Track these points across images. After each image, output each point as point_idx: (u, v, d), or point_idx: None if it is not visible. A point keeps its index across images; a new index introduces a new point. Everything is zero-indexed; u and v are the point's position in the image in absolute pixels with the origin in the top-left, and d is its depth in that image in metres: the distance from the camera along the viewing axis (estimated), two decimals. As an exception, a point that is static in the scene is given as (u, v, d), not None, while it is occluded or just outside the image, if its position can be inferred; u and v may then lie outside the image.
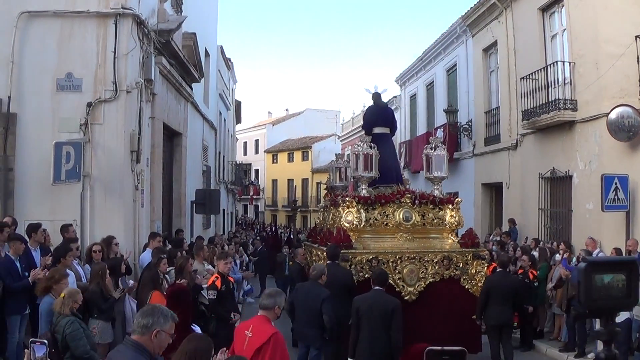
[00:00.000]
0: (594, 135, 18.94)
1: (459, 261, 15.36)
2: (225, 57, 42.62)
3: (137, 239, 16.59)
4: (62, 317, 9.50)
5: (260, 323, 8.90)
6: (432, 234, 16.14)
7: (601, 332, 3.68)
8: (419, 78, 38.63)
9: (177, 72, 21.03)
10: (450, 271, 15.24)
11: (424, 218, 15.99)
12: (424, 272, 15.12)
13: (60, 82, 15.42)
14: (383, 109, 19.41)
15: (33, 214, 14.56)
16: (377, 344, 11.19)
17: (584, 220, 19.30)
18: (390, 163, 17.96)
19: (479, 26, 27.98)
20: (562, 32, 21.16)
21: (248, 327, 8.83)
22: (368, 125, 18.77)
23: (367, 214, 15.75)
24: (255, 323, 8.89)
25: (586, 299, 3.69)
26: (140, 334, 5.87)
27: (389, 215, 15.81)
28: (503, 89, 25.66)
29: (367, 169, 16.36)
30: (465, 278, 15.34)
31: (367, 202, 15.83)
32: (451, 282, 15.12)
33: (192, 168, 25.95)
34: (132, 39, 15.93)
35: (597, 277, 3.58)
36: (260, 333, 8.66)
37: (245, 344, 8.61)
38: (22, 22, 15.32)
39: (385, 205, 15.88)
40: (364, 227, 15.66)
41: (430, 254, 15.26)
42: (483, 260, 15.61)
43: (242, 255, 27.29)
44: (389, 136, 18.73)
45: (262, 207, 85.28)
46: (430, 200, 16.15)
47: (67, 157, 14.28)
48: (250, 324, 8.89)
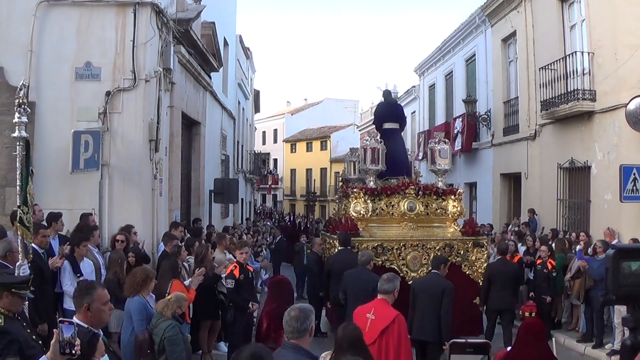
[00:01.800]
0: (612, 126, 18.85)
1: (460, 248, 16.63)
2: (244, 47, 42.69)
3: (155, 228, 16.60)
4: (163, 319, 9.51)
5: (381, 306, 9.67)
6: (435, 223, 17.42)
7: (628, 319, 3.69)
8: (438, 68, 38.53)
9: (196, 61, 21.02)
10: (452, 258, 16.13)
11: (427, 208, 17.36)
12: (426, 258, 16.22)
13: (79, 71, 15.43)
14: (393, 105, 20.74)
15: (51, 203, 14.56)
16: (427, 322, 12.01)
17: (603, 210, 19.22)
18: (399, 156, 19.25)
19: (498, 16, 27.86)
20: (581, 22, 21.01)
21: (369, 310, 9.56)
22: (379, 120, 20.31)
23: (373, 204, 17.19)
24: (376, 306, 9.66)
25: (614, 286, 3.70)
26: (297, 337, 6.33)
27: (395, 206, 17.25)
28: (522, 79, 25.58)
29: (375, 162, 17.84)
30: (466, 264, 16.59)
31: (374, 193, 17.29)
32: (453, 268, 15.41)
33: (210, 157, 25.97)
34: (151, 28, 15.93)
35: (625, 264, 3.60)
36: (383, 315, 9.41)
37: (368, 326, 9.17)
38: (40, 11, 15.34)
39: (390, 196, 17.32)
40: (370, 217, 17.07)
41: (432, 241, 16.59)
42: (482, 247, 16.80)
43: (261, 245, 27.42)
44: (398, 131, 20.11)
45: (280, 196, 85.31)
46: (434, 191, 17.49)
47: (85, 146, 14.34)
48: (371, 307, 9.64)
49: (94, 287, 6.51)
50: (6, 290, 6.81)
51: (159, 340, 9.28)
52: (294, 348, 6.27)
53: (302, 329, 6.33)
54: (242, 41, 41.21)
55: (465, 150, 30.78)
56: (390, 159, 18.43)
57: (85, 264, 12.33)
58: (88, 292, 6.41)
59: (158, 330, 9.36)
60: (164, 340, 9.23)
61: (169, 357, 9.25)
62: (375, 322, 9.33)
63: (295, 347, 6.28)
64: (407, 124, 23.09)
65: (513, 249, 18.02)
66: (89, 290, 6.45)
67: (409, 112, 45.26)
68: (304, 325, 6.34)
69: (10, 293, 6.80)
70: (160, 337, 9.28)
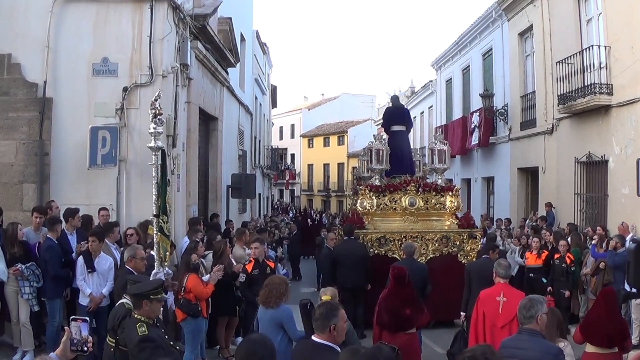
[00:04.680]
0: (629, 120, 18.77)
1: (456, 240, 18.27)
2: (260, 42, 42.72)
3: (173, 223, 16.62)
4: None
5: (509, 289, 10.59)
6: (434, 216, 18.98)
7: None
8: (455, 62, 38.52)
9: (212, 57, 21.06)
10: (449, 248, 18.16)
11: (427, 203, 18.88)
12: (425, 248, 18.01)
13: (95, 67, 15.53)
14: (399, 109, 22.66)
15: (69, 199, 14.71)
16: None
17: (620, 205, 19.17)
18: (404, 156, 21.02)
19: (515, 10, 27.78)
20: (598, 16, 20.92)
21: (498, 293, 10.37)
22: (387, 123, 22.04)
23: (378, 200, 18.82)
24: (504, 289, 10.47)
25: (635, 279, 3.72)
26: (529, 322, 7.35)
27: (397, 201, 18.83)
28: (539, 74, 25.50)
29: (379, 162, 19.60)
30: (461, 254, 18.15)
31: (379, 190, 18.91)
32: (449, 257, 17.96)
33: (228, 152, 26.02)
34: (168, 24, 15.99)
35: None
36: (515, 297, 9.94)
37: (500, 309, 10.10)
38: (57, 7, 15.46)
39: (393, 192, 18.91)
40: (375, 211, 18.76)
41: (430, 233, 18.24)
42: (476, 239, 18.38)
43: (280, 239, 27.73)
44: (404, 133, 21.65)
45: (297, 191, 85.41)
46: (433, 187, 19.08)
47: (102, 141, 14.44)
48: (499, 290, 10.46)
49: None
50: (145, 299, 7.28)
51: None
52: (530, 332, 7.32)
53: (528, 316, 7.37)
54: (259, 36, 41.24)
55: (483, 145, 30.73)
56: (397, 158, 20.30)
57: (102, 260, 12.42)
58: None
59: None
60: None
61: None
62: (508, 303, 10.02)
63: (531, 331, 7.32)
64: (413, 125, 25.52)
65: (538, 245, 18.35)
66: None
67: (427, 107, 45.40)
68: (530, 313, 7.37)
69: (149, 300, 7.30)
70: None
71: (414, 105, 49.15)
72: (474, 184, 34.79)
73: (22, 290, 12.28)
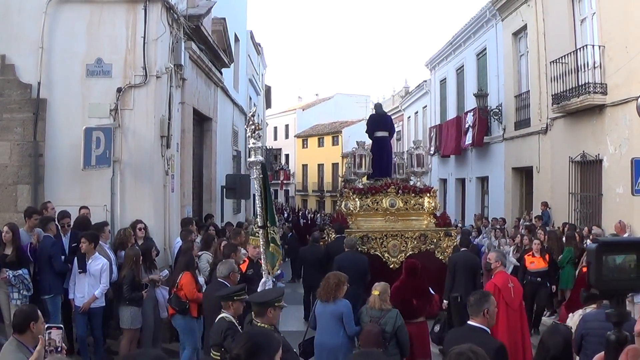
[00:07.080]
0: (623, 119, 18.78)
1: (433, 237, 19.61)
2: (255, 42, 42.68)
3: (167, 224, 16.66)
4: (385, 311, 10.38)
5: (513, 278, 12.88)
6: (413, 216, 20.32)
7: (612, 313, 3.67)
8: (449, 62, 38.60)
9: (206, 57, 21.04)
10: (426, 245, 19.46)
11: (406, 204, 20.19)
12: (404, 246, 19.39)
13: (89, 68, 15.47)
14: (383, 116, 24.44)
15: (63, 200, 14.69)
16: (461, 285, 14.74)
17: (615, 204, 19.20)
18: (386, 161, 22.81)
19: (509, 10, 27.82)
20: (592, 15, 20.95)
21: (507, 280, 11.73)
22: (370, 129, 23.42)
23: (361, 201, 20.18)
24: (509, 277, 12.23)
25: (597, 280, 3.71)
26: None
27: (379, 202, 20.16)
28: (533, 73, 25.54)
29: (362, 167, 21.41)
30: (438, 251, 19.48)
31: (361, 192, 20.34)
32: (427, 254, 19.09)
33: (222, 153, 25.97)
34: (162, 25, 15.96)
35: (609, 257, 3.59)
36: (516, 283, 12.08)
37: (513, 293, 11.44)
38: (51, 8, 15.40)
39: (375, 194, 20.26)
40: (358, 212, 20.13)
41: (410, 232, 19.59)
42: (451, 237, 19.65)
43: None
44: (387, 139, 23.48)
45: (292, 192, 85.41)
46: (412, 189, 20.48)
47: (97, 142, 14.36)
48: (506, 278, 11.92)
49: None
50: (270, 307, 7.88)
51: (391, 329, 10.21)
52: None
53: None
54: (253, 37, 41.20)
55: (477, 145, 30.77)
56: (379, 162, 22.08)
57: (96, 261, 12.43)
58: None
59: (388, 319, 10.27)
60: (398, 328, 10.27)
61: (400, 340, 10.31)
62: (516, 289, 11.64)
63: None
64: (395, 131, 27.73)
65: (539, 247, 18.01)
66: None
67: (421, 107, 45.47)
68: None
69: (273, 308, 7.91)
70: (392, 326, 10.23)
71: (408, 105, 49.23)
72: (468, 183, 34.84)
73: (11, 296, 12.25)
